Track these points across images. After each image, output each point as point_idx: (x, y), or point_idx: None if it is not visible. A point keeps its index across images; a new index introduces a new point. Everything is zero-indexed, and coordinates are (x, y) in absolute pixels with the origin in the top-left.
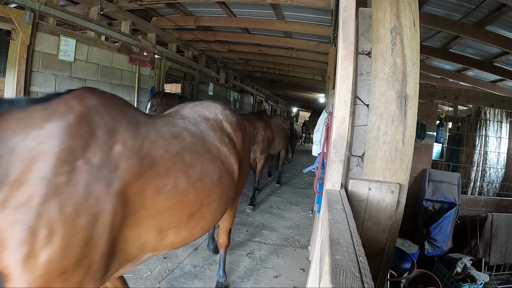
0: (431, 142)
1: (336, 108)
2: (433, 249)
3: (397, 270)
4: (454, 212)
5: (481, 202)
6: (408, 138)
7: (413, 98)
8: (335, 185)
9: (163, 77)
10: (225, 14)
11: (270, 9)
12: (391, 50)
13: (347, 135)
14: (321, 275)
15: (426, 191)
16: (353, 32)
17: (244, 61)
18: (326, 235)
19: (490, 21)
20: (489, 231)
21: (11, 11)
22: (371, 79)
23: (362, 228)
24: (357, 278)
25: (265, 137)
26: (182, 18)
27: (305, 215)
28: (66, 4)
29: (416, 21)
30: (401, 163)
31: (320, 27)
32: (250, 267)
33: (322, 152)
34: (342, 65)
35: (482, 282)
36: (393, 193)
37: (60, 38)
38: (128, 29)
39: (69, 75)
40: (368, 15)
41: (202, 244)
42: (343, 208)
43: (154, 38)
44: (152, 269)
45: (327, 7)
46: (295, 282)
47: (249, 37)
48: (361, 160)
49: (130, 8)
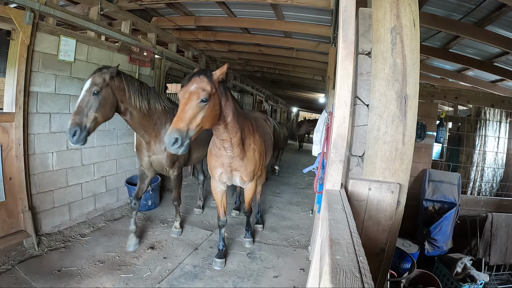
0: (431, 142)
1: (336, 108)
2: (433, 249)
3: (397, 270)
4: (454, 212)
5: (481, 202)
6: (408, 138)
7: (413, 98)
8: (335, 185)
9: (163, 77)
10: (225, 14)
11: (270, 9)
12: (391, 50)
13: (347, 135)
14: (321, 275)
15: (426, 191)
16: (353, 32)
17: (244, 61)
18: (326, 235)
19: (490, 21)
20: (489, 231)
21: (11, 11)
22: (371, 79)
23: (362, 228)
24: (357, 278)
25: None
26: (182, 18)
27: (305, 215)
28: (66, 4)
29: (416, 21)
30: (401, 163)
31: (320, 27)
32: (250, 267)
33: (322, 152)
34: (342, 65)
35: (482, 282)
36: (393, 193)
37: (60, 38)
38: (128, 29)
39: (69, 75)
40: (368, 15)
41: (202, 244)
42: (343, 208)
43: (154, 38)
44: (152, 269)
45: (327, 7)
46: (295, 282)
47: (249, 37)
48: (361, 160)
49: (130, 8)
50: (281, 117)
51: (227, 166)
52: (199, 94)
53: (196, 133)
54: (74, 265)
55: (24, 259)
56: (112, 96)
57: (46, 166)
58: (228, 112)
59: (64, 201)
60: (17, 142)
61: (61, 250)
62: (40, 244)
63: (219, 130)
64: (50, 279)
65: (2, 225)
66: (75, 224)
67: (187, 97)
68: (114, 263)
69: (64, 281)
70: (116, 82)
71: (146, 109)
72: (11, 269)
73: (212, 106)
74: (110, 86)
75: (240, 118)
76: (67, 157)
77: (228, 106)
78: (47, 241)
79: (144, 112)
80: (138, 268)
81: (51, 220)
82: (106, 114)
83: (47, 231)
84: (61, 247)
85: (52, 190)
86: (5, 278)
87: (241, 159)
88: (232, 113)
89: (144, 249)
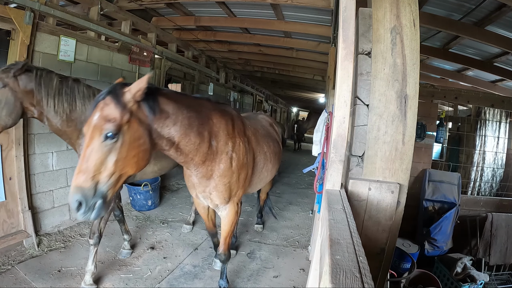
0: (431, 142)
1: (336, 108)
2: (433, 249)
3: (397, 270)
4: (454, 212)
5: (481, 202)
6: (408, 138)
7: (413, 98)
8: (335, 185)
9: (163, 77)
10: (225, 14)
11: (270, 9)
12: (391, 50)
13: (347, 135)
14: (321, 275)
15: (426, 191)
16: (353, 32)
17: (244, 61)
18: (326, 235)
19: (490, 21)
20: (489, 231)
21: (11, 11)
22: (371, 79)
23: (362, 228)
24: (357, 278)
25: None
26: (182, 18)
27: (305, 215)
28: (66, 4)
29: (416, 21)
30: (401, 163)
31: (320, 27)
32: (250, 267)
33: (322, 152)
34: (342, 65)
35: (482, 282)
36: (393, 193)
37: (60, 38)
38: (128, 29)
39: (69, 75)
40: (368, 15)
41: (202, 244)
42: (343, 208)
43: (154, 38)
44: (152, 269)
45: (327, 7)
46: (295, 282)
47: (249, 37)
48: (361, 160)
49: (130, 8)
50: (281, 117)
51: (197, 186)
52: (101, 128)
53: (115, 186)
54: (74, 265)
55: (24, 259)
56: (13, 99)
57: (46, 166)
58: (174, 131)
59: (64, 201)
60: (17, 142)
61: (61, 250)
62: (40, 244)
63: (170, 155)
64: (50, 279)
65: (2, 225)
66: (75, 224)
67: (89, 135)
68: (114, 263)
69: (64, 281)
70: (22, 83)
71: (66, 113)
72: (11, 269)
73: (129, 141)
74: (10, 87)
75: (205, 121)
76: (67, 157)
77: (169, 124)
78: (47, 241)
79: (63, 118)
80: (138, 268)
81: (51, 220)
82: (3, 120)
83: (47, 231)
84: (61, 247)
85: (52, 190)
86: (5, 278)
87: (207, 179)
88: (184, 127)
89: (144, 249)
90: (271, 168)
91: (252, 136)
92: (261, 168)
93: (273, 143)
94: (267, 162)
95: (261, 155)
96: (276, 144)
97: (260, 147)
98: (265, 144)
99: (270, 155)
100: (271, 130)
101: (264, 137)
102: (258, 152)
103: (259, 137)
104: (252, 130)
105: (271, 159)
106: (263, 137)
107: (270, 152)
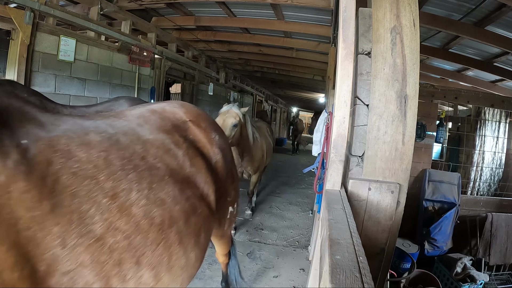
0: (431, 142)
1: (336, 108)
2: (433, 249)
3: (397, 270)
4: (454, 212)
5: (481, 202)
6: (408, 138)
7: (413, 98)
8: (335, 185)
9: (163, 77)
10: (225, 14)
11: (270, 9)
12: (391, 50)
13: (347, 135)
14: (321, 275)
15: (426, 191)
16: (353, 32)
17: (244, 61)
18: (326, 235)
19: (490, 21)
20: (489, 231)
21: (11, 11)
22: (371, 79)
23: (362, 228)
24: (357, 278)
25: None
26: (182, 18)
27: (305, 215)
28: (66, 4)
29: (416, 21)
30: (401, 163)
31: (320, 27)
32: (250, 267)
33: (322, 152)
34: (342, 65)
35: (482, 282)
36: (393, 193)
37: (60, 38)
38: (128, 29)
39: (69, 75)
40: (368, 15)
41: None
42: (343, 208)
43: (154, 38)
44: None
45: (327, 7)
46: (295, 282)
47: (249, 37)
48: (361, 160)
49: (130, 8)
50: (281, 117)
51: None
52: None
53: None
54: None
55: None
56: None
57: None
58: None
59: None
60: None
61: None
62: None
63: None
64: None
65: None
66: None
67: None
68: None
69: None
70: None
71: None
72: None
73: None
74: None
75: None
76: None
77: None
78: None
79: None
80: None
81: None
82: None
83: None
84: None
85: None
86: None
87: None
88: None
89: None
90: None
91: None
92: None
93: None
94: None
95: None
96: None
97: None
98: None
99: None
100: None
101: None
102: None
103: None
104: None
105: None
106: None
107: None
